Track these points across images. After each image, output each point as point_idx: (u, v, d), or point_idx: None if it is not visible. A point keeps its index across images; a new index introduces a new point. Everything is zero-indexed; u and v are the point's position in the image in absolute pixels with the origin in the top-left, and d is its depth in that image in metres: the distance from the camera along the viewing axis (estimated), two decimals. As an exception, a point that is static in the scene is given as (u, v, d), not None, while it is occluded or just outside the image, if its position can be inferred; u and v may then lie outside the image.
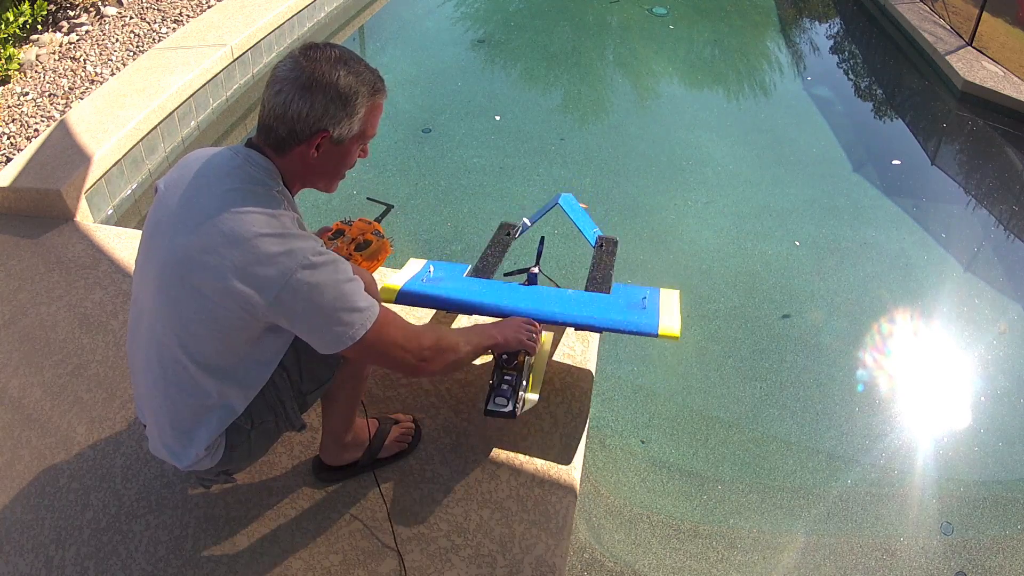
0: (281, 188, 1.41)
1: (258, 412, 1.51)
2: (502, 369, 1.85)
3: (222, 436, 1.49)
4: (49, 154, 3.08)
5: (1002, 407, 2.74)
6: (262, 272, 1.30)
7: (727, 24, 5.78)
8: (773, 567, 2.24)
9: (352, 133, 1.41)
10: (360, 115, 1.40)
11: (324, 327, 1.35)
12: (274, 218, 1.33)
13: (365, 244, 1.85)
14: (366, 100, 1.39)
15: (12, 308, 2.46)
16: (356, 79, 1.38)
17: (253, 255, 1.30)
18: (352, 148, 1.44)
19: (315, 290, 1.32)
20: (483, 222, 3.44)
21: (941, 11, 5.46)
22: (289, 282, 1.30)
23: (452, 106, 4.41)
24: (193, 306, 1.34)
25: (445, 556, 1.74)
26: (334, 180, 1.49)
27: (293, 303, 1.31)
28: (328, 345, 1.37)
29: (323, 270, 1.33)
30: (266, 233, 1.31)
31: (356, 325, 1.36)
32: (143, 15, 4.54)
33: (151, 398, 1.47)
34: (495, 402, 1.80)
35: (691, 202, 3.71)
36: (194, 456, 1.48)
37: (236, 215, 1.31)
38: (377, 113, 1.45)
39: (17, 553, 1.74)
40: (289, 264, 1.30)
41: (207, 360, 1.40)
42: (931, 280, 3.32)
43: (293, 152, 1.39)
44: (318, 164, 1.42)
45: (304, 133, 1.36)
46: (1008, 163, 4.26)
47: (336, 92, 1.35)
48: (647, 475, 2.46)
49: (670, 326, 1.90)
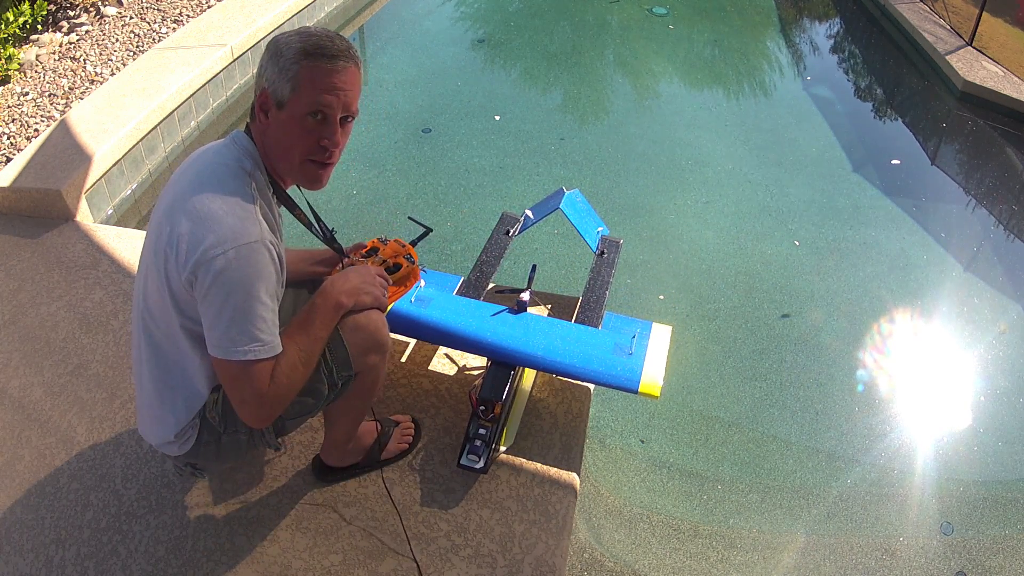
0: (253, 170, 1.37)
1: (232, 420, 1.49)
2: (479, 420, 1.86)
3: (193, 428, 1.49)
4: (49, 154, 3.08)
5: (1002, 407, 2.74)
6: (194, 238, 1.27)
7: (727, 24, 5.78)
8: (773, 567, 2.24)
9: (287, 93, 1.32)
10: (293, 73, 1.31)
11: (217, 324, 1.28)
12: (228, 194, 1.31)
13: (396, 268, 1.78)
14: (300, 58, 1.31)
15: (12, 308, 2.46)
16: (298, 38, 1.32)
17: (194, 222, 1.27)
18: (296, 116, 1.33)
19: (227, 282, 1.25)
20: (483, 222, 3.44)
21: (941, 11, 5.45)
22: (206, 257, 1.25)
23: (452, 106, 4.41)
24: (155, 280, 1.36)
25: (445, 556, 1.74)
26: (293, 158, 1.37)
27: (204, 279, 1.26)
28: (214, 347, 1.31)
29: (247, 267, 1.26)
30: (211, 204, 1.29)
31: (245, 346, 1.28)
32: (143, 15, 4.54)
33: (135, 371, 1.51)
34: (467, 457, 1.84)
35: (691, 202, 3.71)
36: (163, 437, 1.50)
37: (199, 187, 1.32)
38: (321, 79, 1.32)
39: (17, 553, 1.74)
40: (218, 239, 1.25)
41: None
42: (931, 280, 3.32)
43: (257, 123, 1.38)
44: (271, 132, 1.37)
45: (256, 96, 1.37)
46: (1008, 163, 4.26)
47: (275, 48, 1.34)
48: (647, 475, 2.46)
49: (652, 381, 1.86)
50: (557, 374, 1.96)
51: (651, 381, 1.85)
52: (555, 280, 3.15)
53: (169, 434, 1.49)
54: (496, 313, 2.04)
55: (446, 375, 2.19)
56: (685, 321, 3.01)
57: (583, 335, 2.00)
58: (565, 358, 1.91)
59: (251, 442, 1.55)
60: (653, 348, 1.98)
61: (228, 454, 1.57)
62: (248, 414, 1.37)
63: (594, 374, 1.88)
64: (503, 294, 2.30)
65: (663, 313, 3.05)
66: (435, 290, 2.15)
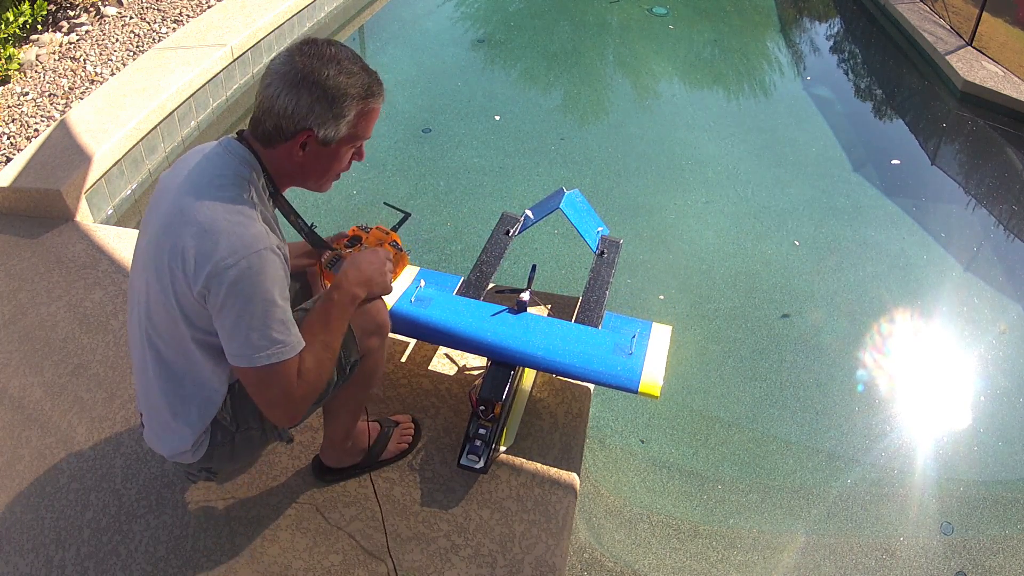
0: (252, 177, 1.37)
1: (244, 417, 1.50)
2: (479, 420, 1.86)
3: (206, 434, 1.49)
4: (49, 154, 3.08)
5: (1002, 407, 2.74)
6: (202, 251, 1.27)
7: (727, 24, 5.78)
8: (773, 567, 2.24)
9: (340, 135, 1.36)
10: (348, 118, 1.34)
11: (236, 334, 1.29)
12: (230, 203, 1.30)
13: None
14: (356, 103, 1.34)
15: (12, 308, 2.46)
16: (347, 79, 1.32)
17: (200, 235, 1.27)
18: (341, 151, 1.39)
19: (243, 291, 1.26)
20: (483, 222, 3.44)
21: (941, 11, 5.45)
22: (218, 269, 1.25)
23: (452, 106, 4.41)
24: (159, 296, 1.35)
25: (445, 556, 1.74)
26: (323, 181, 1.44)
27: (218, 291, 1.26)
28: (235, 356, 1.31)
29: (260, 275, 1.27)
30: (216, 216, 1.28)
31: (268, 351, 1.29)
32: (143, 15, 4.54)
33: (139, 385, 1.49)
34: (467, 457, 1.84)
35: (691, 202, 3.71)
36: (178, 448, 1.49)
37: (197, 199, 1.30)
38: (371, 117, 1.40)
39: (17, 553, 1.74)
40: (229, 250, 1.25)
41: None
42: (931, 280, 3.32)
43: (279, 148, 1.36)
44: (305, 163, 1.38)
45: (289, 130, 1.33)
46: (1008, 163, 4.26)
47: (323, 92, 1.31)
48: (647, 475, 2.46)
49: (652, 381, 1.86)
50: (557, 374, 1.96)
51: (651, 381, 1.85)
52: (555, 280, 3.15)
53: (186, 444, 1.48)
54: (496, 313, 2.04)
55: (446, 375, 2.19)
56: (685, 321, 3.01)
57: (583, 335, 2.00)
58: (565, 358, 1.91)
59: (264, 437, 1.56)
60: (653, 348, 1.98)
61: (242, 453, 1.57)
62: (278, 415, 1.38)
63: (594, 374, 1.88)
64: (503, 294, 2.30)
65: (663, 313, 3.05)
66: (435, 290, 2.15)
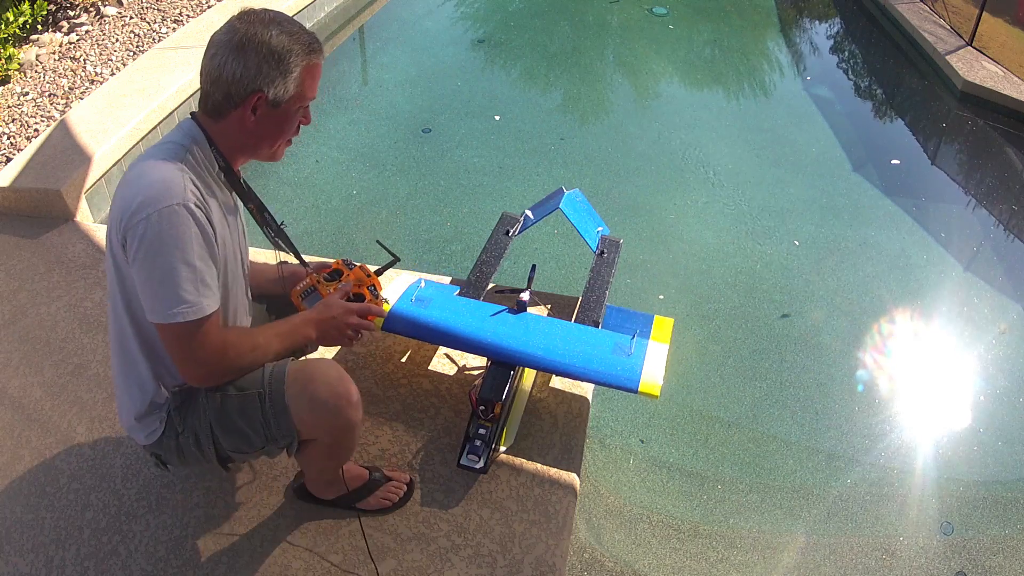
0: (191, 146, 1.38)
1: (186, 426, 1.50)
2: (479, 420, 1.86)
3: (160, 422, 1.50)
4: (49, 154, 3.08)
5: (1002, 407, 2.74)
6: (124, 204, 1.30)
7: (727, 24, 5.78)
8: (773, 567, 2.24)
9: (288, 94, 1.38)
10: (295, 74, 1.37)
11: (146, 289, 1.31)
12: (158, 161, 1.33)
13: (357, 298, 1.65)
14: (301, 59, 1.37)
15: (12, 308, 2.46)
16: (290, 38, 1.36)
17: (122, 188, 1.33)
18: (291, 111, 1.41)
19: (150, 245, 1.28)
20: (483, 222, 3.44)
21: (941, 11, 5.45)
22: (132, 222, 1.28)
23: (452, 106, 4.41)
24: (108, 257, 1.40)
25: (445, 556, 1.74)
26: (276, 146, 1.45)
27: (132, 243, 1.29)
28: (148, 311, 1.33)
29: (169, 229, 1.28)
30: (141, 172, 1.32)
31: (174, 308, 1.30)
32: (143, 15, 4.54)
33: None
34: (467, 457, 1.84)
35: (691, 202, 3.71)
36: (126, 420, 1.52)
37: (132, 167, 1.36)
38: (314, 74, 1.41)
39: (17, 553, 1.74)
40: (141, 203, 1.27)
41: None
42: (931, 280, 3.32)
43: (230, 117, 1.38)
44: (257, 128, 1.40)
45: (239, 95, 1.35)
46: (1008, 163, 4.26)
47: (269, 51, 1.34)
48: (647, 475, 2.46)
49: (652, 380, 1.85)
50: (557, 374, 1.96)
51: (651, 381, 1.85)
52: (555, 280, 3.15)
53: (130, 417, 1.51)
54: (496, 313, 2.04)
55: (446, 375, 2.19)
56: (685, 321, 3.00)
57: (583, 335, 2.00)
58: (565, 358, 1.91)
59: (201, 453, 1.52)
60: (653, 348, 1.98)
61: (188, 457, 1.54)
62: (188, 373, 1.40)
63: (594, 374, 1.88)
64: (503, 294, 2.30)
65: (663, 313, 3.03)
66: (435, 290, 2.15)
